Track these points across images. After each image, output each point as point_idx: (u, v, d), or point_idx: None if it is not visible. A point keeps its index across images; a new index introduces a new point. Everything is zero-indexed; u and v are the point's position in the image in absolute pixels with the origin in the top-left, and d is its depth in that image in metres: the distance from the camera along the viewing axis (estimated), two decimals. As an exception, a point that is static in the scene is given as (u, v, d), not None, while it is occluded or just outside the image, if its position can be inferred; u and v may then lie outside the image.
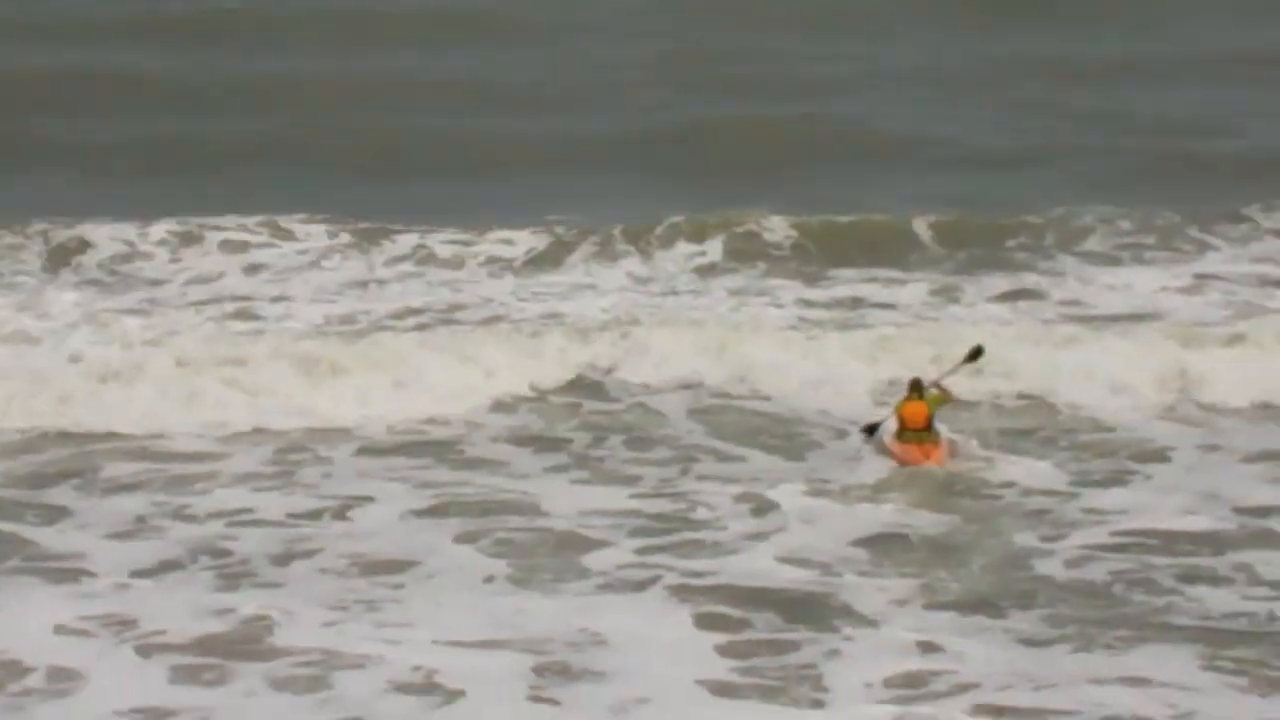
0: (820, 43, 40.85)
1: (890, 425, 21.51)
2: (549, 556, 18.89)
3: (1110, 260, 28.86)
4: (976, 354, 22.23)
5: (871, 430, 21.80)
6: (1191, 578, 18.31)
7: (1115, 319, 26.12)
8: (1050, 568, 18.55)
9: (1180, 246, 29.28)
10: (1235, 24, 42.09)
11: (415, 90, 37.54)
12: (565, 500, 20.45)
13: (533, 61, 39.72)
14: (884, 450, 21.40)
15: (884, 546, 19.10)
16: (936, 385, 21.72)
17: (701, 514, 20.01)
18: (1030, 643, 16.79)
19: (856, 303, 26.95)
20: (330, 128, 35.31)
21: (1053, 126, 35.83)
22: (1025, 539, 19.28)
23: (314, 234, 29.53)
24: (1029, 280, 27.93)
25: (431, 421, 22.96)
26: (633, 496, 20.64)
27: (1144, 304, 26.92)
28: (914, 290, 27.47)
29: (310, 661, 16.37)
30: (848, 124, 35.76)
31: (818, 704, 15.69)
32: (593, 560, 18.80)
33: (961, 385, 22.35)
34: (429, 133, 34.96)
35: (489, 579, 18.38)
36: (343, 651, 16.53)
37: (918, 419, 21.19)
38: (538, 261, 28.80)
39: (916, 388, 21.39)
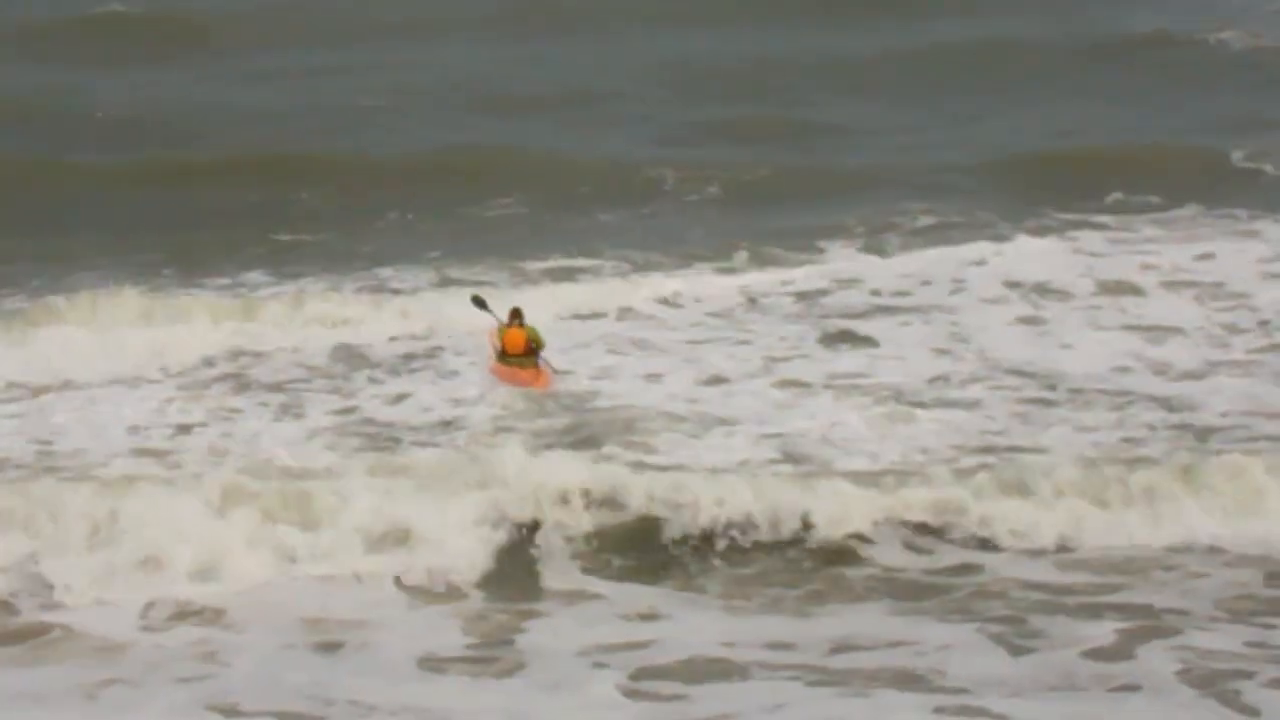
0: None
1: (493, 345, 23.76)
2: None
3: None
4: (479, 302, 24.40)
5: (480, 303, 24.18)
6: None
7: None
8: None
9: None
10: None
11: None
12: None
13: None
14: (491, 371, 23.58)
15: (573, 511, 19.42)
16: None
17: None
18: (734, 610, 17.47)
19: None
20: None
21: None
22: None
23: None
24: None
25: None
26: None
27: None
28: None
29: None
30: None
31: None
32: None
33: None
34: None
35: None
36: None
37: (517, 345, 23.56)
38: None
39: (518, 316, 23.71)
